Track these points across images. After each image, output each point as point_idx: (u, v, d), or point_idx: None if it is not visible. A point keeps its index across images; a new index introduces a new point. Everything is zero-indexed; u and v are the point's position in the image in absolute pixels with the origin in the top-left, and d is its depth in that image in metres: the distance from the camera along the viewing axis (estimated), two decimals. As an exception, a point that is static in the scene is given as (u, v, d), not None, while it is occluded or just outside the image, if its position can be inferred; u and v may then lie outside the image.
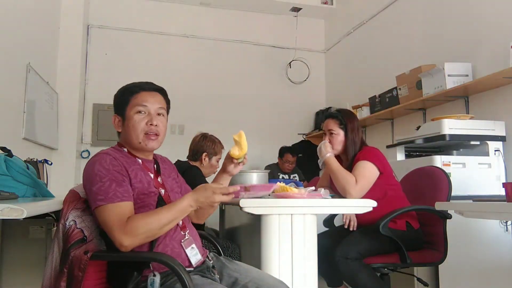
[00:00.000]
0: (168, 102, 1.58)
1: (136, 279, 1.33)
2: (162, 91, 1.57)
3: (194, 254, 1.44)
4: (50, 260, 1.33)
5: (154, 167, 1.55)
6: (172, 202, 1.41)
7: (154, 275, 1.31)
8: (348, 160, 2.27)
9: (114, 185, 1.33)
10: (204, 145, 2.73)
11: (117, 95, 1.56)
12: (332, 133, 2.28)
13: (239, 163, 1.66)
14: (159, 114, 1.51)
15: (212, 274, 1.45)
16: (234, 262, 1.56)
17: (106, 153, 1.42)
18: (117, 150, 1.49)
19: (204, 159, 2.70)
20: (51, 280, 1.31)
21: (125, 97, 1.51)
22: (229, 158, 1.66)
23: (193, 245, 1.46)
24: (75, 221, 1.36)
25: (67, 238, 1.32)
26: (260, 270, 1.58)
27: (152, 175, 1.50)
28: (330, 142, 2.28)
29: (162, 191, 1.49)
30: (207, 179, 2.62)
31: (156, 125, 1.48)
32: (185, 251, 1.42)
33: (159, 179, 1.52)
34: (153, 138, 1.49)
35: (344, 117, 2.29)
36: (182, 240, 1.44)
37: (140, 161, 1.50)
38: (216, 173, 1.81)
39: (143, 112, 1.48)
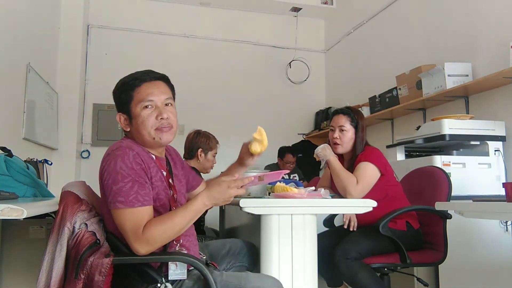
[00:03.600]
0: (172, 88, 1.48)
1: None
2: (164, 79, 1.46)
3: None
4: (47, 266, 1.21)
5: (166, 166, 1.49)
6: (186, 203, 1.35)
7: (166, 287, 1.28)
8: (351, 159, 2.27)
9: (136, 187, 1.27)
10: (198, 141, 2.72)
11: (116, 91, 1.43)
12: (343, 130, 2.25)
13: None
14: (167, 105, 1.42)
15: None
16: None
17: (129, 147, 1.33)
18: (135, 143, 1.40)
19: (200, 155, 2.69)
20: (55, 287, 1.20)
21: (127, 92, 1.40)
22: (248, 153, 1.66)
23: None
24: (86, 224, 1.26)
25: (77, 242, 1.23)
26: None
27: (165, 173, 1.45)
28: (339, 138, 2.25)
29: (171, 193, 1.44)
30: (207, 175, 2.61)
31: (167, 118, 1.39)
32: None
33: (170, 181, 1.46)
34: (166, 130, 1.40)
35: (355, 115, 2.28)
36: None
37: (154, 157, 1.43)
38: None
39: (150, 107, 1.38)
